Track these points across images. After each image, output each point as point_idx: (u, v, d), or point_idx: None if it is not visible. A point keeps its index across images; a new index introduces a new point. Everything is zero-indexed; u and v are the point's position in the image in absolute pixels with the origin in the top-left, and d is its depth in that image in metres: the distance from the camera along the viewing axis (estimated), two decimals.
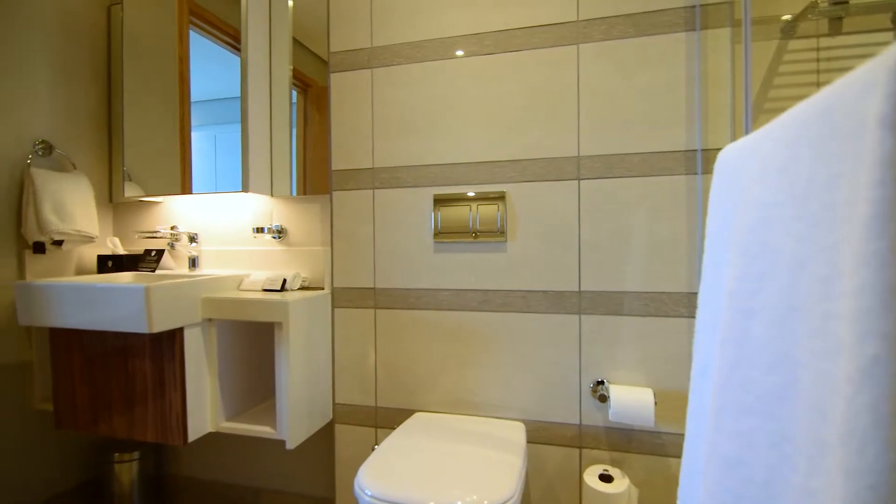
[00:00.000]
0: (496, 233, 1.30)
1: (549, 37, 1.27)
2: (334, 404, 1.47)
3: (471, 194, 1.32)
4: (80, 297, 1.24)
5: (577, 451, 1.27)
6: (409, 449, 1.11)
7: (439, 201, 1.34)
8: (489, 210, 1.30)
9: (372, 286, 1.42)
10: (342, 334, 1.45)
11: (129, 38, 1.64)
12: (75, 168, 1.65)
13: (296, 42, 1.55)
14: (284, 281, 1.40)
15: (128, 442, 1.68)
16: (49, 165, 1.58)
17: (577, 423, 1.27)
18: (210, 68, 1.59)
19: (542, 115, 1.28)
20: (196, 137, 1.59)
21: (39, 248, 1.52)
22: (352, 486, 1.44)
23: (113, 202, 1.79)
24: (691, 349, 0.86)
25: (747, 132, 0.94)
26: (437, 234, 1.34)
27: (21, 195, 1.50)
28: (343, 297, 1.45)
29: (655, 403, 1.20)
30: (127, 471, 1.62)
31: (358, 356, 1.44)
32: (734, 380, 0.56)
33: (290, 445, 1.27)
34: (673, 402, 1.20)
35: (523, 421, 1.30)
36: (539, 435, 1.30)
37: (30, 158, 1.51)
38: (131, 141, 1.64)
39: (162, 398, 1.27)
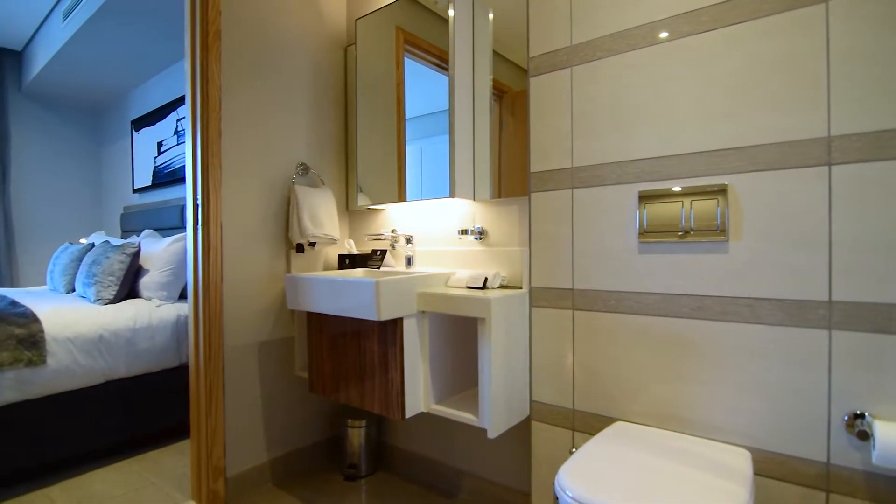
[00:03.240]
0: (714, 231, 1.15)
1: None
2: (531, 401, 1.50)
3: (678, 189, 1.20)
4: (329, 288, 1.53)
5: (824, 494, 1.04)
6: (612, 458, 1.07)
7: (645, 198, 1.25)
8: (705, 206, 1.16)
9: (570, 287, 1.40)
10: (539, 333, 1.47)
11: (361, 73, 1.95)
12: (323, 184, 2.03)
13: (494, 53, 1.64)
14: (486, 279, 1.49)
15: (358, 410, 1.99)
16: (306, 182, 1.99)
17: (824, 460, 1.04)
18: (417, 88, 1.78)
19: (775, 93, 1.09)
20: (407, 151, 1.81)
21: (300, 248, 1.92)
22: (549, 484, 1.45)
23: (349, 210, 2.16)
24: None
25: None
26: (643, 233, 1.25)
27: (288, 207, 1.91)
28: (540, 297, 1.47)
29: None
30: (357, 435, 1.93)
31: (555, 356, 1.44)
32: None
33: (492, 434, 1.34)
34: None
35: (748, 448, 1.13)
36: (770, 468, 1.11)
37: (294, 178, 1.93)
38: (362, 159, 1.95)
39: (385, 377, 1.48)
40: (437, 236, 1.82)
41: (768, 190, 1.10)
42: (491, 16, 1.63)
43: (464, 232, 1.65)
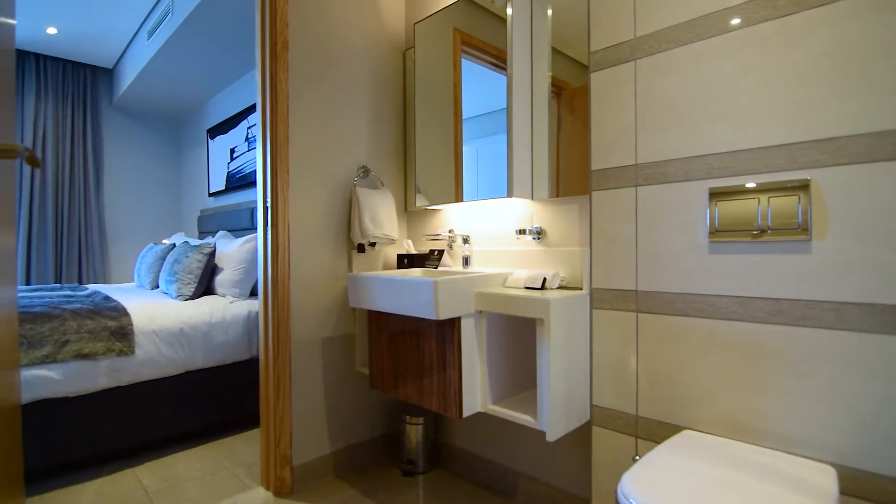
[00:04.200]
0: (795, 230, 1.07)
1: None
2: (591, 406, 1.46)
3: (753, 185, 1.13)
4: (389, 287, 1.57)
5: None
6: (680, 468, 1.02)
7: (717, 195, 1.19)
8: (784, 203, 1.09)
9: (633, 288, 1.36)
10: (600, 336, 1.44)
11: (419, 75, 1.98)
12: (383, 185, 2.09)
13: (552, 49, 1.61)
14: (545, 280, 1.47)
15: (416, 407, 2.03)
16: (366, 184, 2.05)
17: None
18: (473, 88, 1.79)
19: (864, 79, 1.00)
20: (463, 151, 1.82)
21: (361, 248, 1.98)
22: (610, 491, 1.41)
23: (407, 211, 2.20)
24: None
25: None
26: (714, 232, 1.19)
27: (350, 208, 1.98)
28: (602, 298, 1.43)
29: None
30: (414, 432, 1.97)
31: (617, 360, 1.40)
32: None
33: (551, 438, 1.32)
34: None
35: (833, 464, 1.04)
36: (859, 487, 1.02)
37: (355, 180, 1.99)
38: (420, 160, 1.99)
39: (443, 375, 1.49)
40: (494, 236, 1.82)
41: (858, 185, 1.01)
42: (550, 12, 1.61)
43: (522, 232, 1.64)
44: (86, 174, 4.34)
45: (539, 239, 1.65)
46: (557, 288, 1.51)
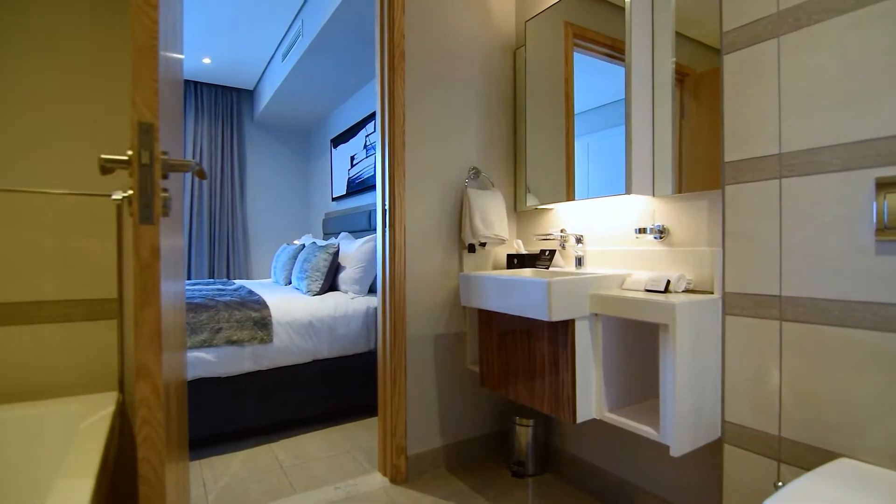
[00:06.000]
0: None
1: None
2: (723, 422, 1.33)
3: None
4: (501, 287, 1.58)
5: None
6: (836, 502, 0.89)
7: (886, 185, 1.01)
8: None
9: (776, 293, 1.20)
10: (735, 345, 1.30)
11: (530, 73, 1.96)
12: (493, 186, 2.10)
13: (676, 34, 1.49)
14: (668, 282, 1.37)
15: (526, 409, 2.01)
16: (477, 185, 2.08)
17: None
18: (584, 82, 1.72)
19: None
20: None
21: (471, 248, 2.01)
22: None
23: (517, 211, 2.19)
24: None
25: None
26: (882, 230, 1.01)
27: (461, 209, 2.02)
28: (736, 304, 1.29)
29: None
30: (524, 433, 1.95)
31: (755, 373, 1.25)
32: None
33: (676, 452, 1.23)
34: None
35: None
36: None
37: (466, 181, 2.03)
38: (530, 159, 1.97)
39: (556, 378, 1.46)
40: (609, 235, 1.74)
41: None
42: None
43: (641, 230, 1.54)
44: (232, 183, 4.98)
45: (661, 238, 1.54)
46: (683, 291, 1.40)
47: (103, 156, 0.79)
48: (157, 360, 0.78)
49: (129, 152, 0.76)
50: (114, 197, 1.08)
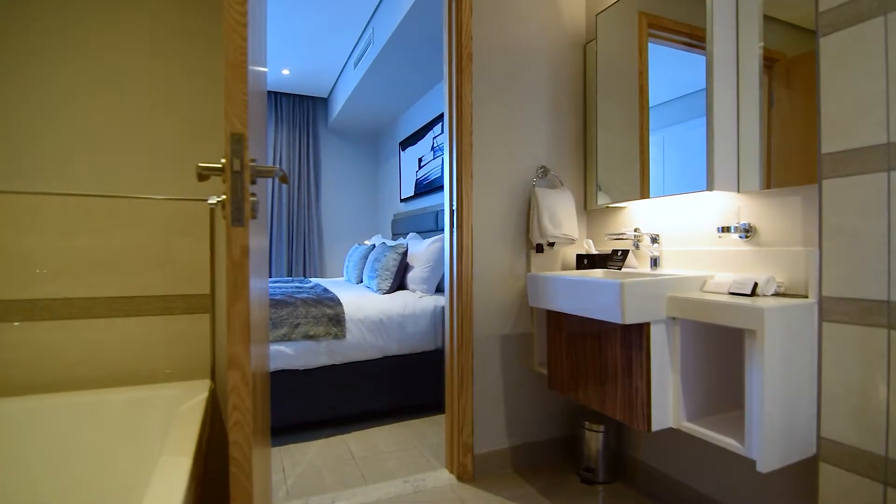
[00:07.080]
0: None
1: None
2: (819, 438, 1.21)
3: None
4: (571, 288, 1.54)
5: None
6: None
7: None
8: None
9: (884, 299, 1.08)
10: (833, 355, 1.18)
11: (601, 67, 1.90)
12: (562, 184, 2.06)
13: (763, 16, 1.38)
14: (755, 285, 1.27)
15: (596, 414, 1.95)
16: (545, 184, 2.04)
17: None
18: (659, 74, 1.64)
19: None
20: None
21: (539, 248, 1.98)
22: None
23: (587, 210, 2.13)
24: None
25: None
26: None
27: (528, 209, 2.00)
28: (836, 310, 1.17)
29: None
30: (594, 439, 1.89)
31: (858, 386, 1.13)
32: None
33: (763, 468, 1.14)
34: None
35: None
36: None
37: (534, 181, 2.00)
38: (601, 156, 1.91)
39: (629, 384, 1.41)
40: (688, 235, 1.64)
41: None
42: None
43: (725, 229, 1.44)
44: (309, 186, 5.26)
45: (747, 237, 1.43)
46: (772, 295, 1.29)
47: (201, 164, 0.87)
48: (247, 351, 0.85)
49: (223, 160, 0.83)
50: (210, 201, 1.19)
